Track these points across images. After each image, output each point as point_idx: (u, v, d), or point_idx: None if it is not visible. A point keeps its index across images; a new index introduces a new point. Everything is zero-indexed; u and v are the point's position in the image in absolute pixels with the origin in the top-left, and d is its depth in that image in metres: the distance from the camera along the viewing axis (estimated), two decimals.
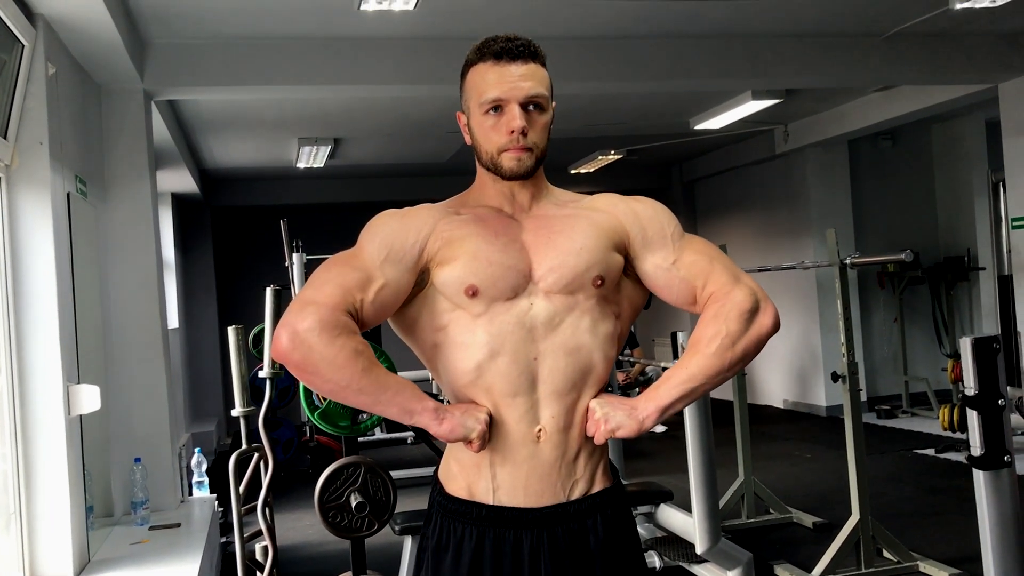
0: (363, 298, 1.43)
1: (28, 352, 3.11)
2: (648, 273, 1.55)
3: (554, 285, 1.47)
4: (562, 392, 1.47)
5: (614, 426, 1.46)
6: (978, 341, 2.34)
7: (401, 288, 1.48)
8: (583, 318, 1.48)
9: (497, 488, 1.48)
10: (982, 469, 2.36)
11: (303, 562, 4.80)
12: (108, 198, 4.34)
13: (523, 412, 1.46)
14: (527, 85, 1.48)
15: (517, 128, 1.47)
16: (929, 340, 8.59)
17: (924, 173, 8.97)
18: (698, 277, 1.52)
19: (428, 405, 1.43)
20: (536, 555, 1.47)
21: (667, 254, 1.54)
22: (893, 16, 4.96)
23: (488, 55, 1.50)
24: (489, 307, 1.45)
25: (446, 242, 1.48)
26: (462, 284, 1.45)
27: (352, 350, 1.38)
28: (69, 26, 3.43)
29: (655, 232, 1.55)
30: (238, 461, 3.06)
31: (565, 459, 1.48)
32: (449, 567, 1.49)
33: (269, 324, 3.09)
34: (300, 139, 7.36)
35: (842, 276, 4.07)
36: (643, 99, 6.67)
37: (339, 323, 1.39)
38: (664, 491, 4.01)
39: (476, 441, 1.43)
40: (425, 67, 4.86)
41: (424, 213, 1.53)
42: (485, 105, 1.49)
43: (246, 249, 10.02)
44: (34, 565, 3.10)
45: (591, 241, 1.50)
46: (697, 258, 1.54)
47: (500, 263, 1.46)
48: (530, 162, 1.50)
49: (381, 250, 1.47)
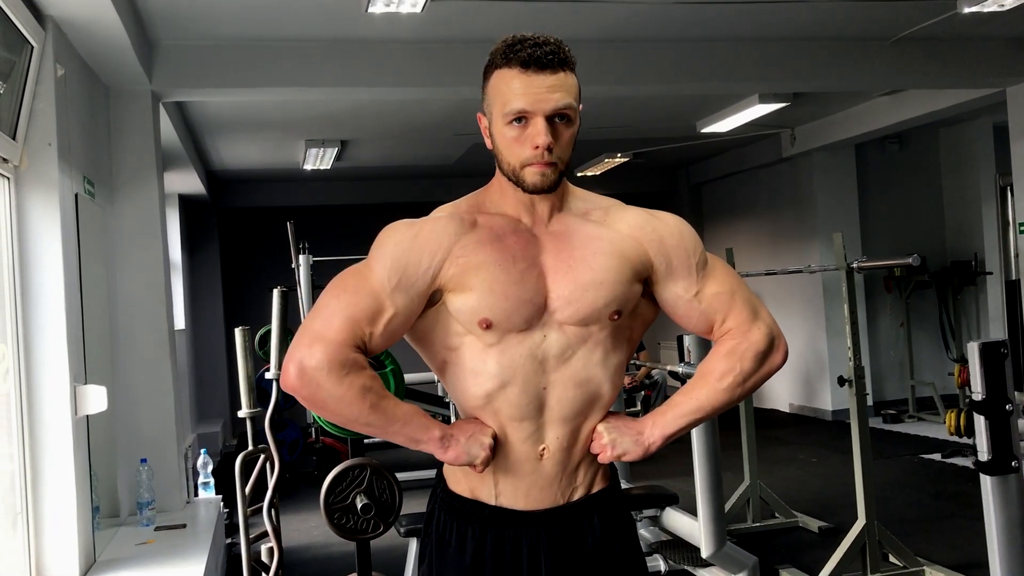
0: (372, 331, 1.43)
1: (35, 352, 3.12)
2: (667, 301, 1.53)
3: (570, 318, 1.45)
4: (568, 418, 1.48)
5: (620, 452, 1.48)
6: (986, 346, 2.34)
7: (412, 314, 1.46)
8: (595, 350, 1.47)
9: (499, 494, 1.50)
10: (989, 474, 2.36)
11: (308, 564, 4.81)
12: (116, 199, 4.35)
13: (528, 434, 1.47)
14: (555, 97, 1.40)
15: (542, 145, 1.40)
16: (936, 345, 8.57)
17: (931, 177, 8.94)
18: (718, 312, 1.52)
19: (434, 435, 1.45)
20: (535, 553, 1.49)
21: (689, 284, 1.52)
22: (901, 20, 4.95)
23: (515, 61, 1.41)
24: (502, 338, 1.44)
25: (462, 269, 1.44)
26: (476, 315, 1.43)
27: (360, 387, 1.40)
28: (78, 27, 3.44)
29: (680, 261, 1.51)
30: (244, 462, 3.07)
31: (567, 472, 1.50)
32: (452, 561, 1.51)
33: (276, 326, 3.09)
34: (307, 141, 7.37)
35: (849, 280, 4.06)
36: (650, 102, 6.67)
37: (347, 361, 1.40)
38: (670, 495, 4.00)
39: (480, 466, 1.46)
40: (432, 69, 4.86)
41: (439, 230, 1.47)
42: (509, 115, 1.42)
43: (253, 250, 10.04)
44: (40, 564, 3.11)
45: (612, 274, 1.46)
46: (719, 291, 1.52)
47: (516, 297, 1.43)
48: (554, 177, 1.44)
49: (393, 275, 1.44)
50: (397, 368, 3.05)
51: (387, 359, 3.02)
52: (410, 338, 1.54)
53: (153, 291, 4.38)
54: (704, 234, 10.64)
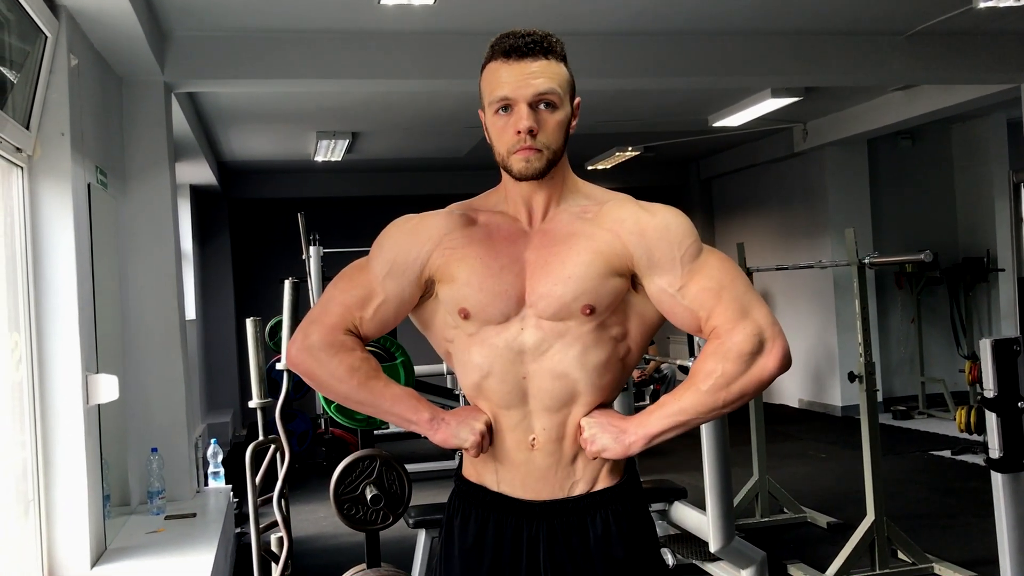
0: (362, 316, 1.54)
1: (48, 342, 3.14)
2: (653, 295, 1.49)
3: (543, 312, 1.47)
4: (552, 409, 1.49)
5: (599, 448, 1.47)
6: (998, 343, 2.33)
7: (404, 300, 1.55)
8: (572, 346, 1.46)
9: (500, 481, 1.53)
10: (1000, 472, 2.35)
11: (318, 554, 4.83)
12: (128, 189, 4.37)
13: (517, 422, 1.50)
14: (535, 83, 1.42)
15: (523, 128, 1.42)
16: (946, 341, 8.53)
17: (944, 173, 8.90)
18: (702, 308, 1.45)
19: (423, 416, 1.51)
20: (534, 544, 1.50)
21: (673, 279, 1.46)
22: (915, 14, 4.92)
23: (499, 53, 1.46)
24: (480, 329, 1.49)
25: (447, 260, 1.51)
26: (456, 305, 1.50)
27: (348, 366, 1.51)
28: (91, 18, 3.45)
29: (663, 254, 1.46)
30: (255, 452, 3.08)
31: (561, 464, 1.50)
32: (458, 541, 1.56)
33: (287, 317, 3.10)
34: (318, 132, 7.38)
35: (860, 276, 4.05)
36: (661, 96, 6.65)
37: (337, 342, 1.52)
38: (678, 489, 4.00)
39: (472, 449, 1.50)
40: (444, 61, 4.86)
41: (434, 223, 1.54)
42: (495, 104, 1.45)
43: (263, 241, 10.07)
44: (52, 552, 3.13)
45: (581, 268, 1.45)
46: (706, 285, 1.45)
47: (491, 289, 1.47)
48: (539, 164, 1.44)
49: (384, 265, 1.54)
50: (407, 360, 3.05)
51: (397, 351, 3.03)
52: (419, 325, 1.61)
53: (164, 281, 4.40)
54: (715, 229, 10.62)
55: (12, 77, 2.94)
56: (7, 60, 2.91)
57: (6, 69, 2.90)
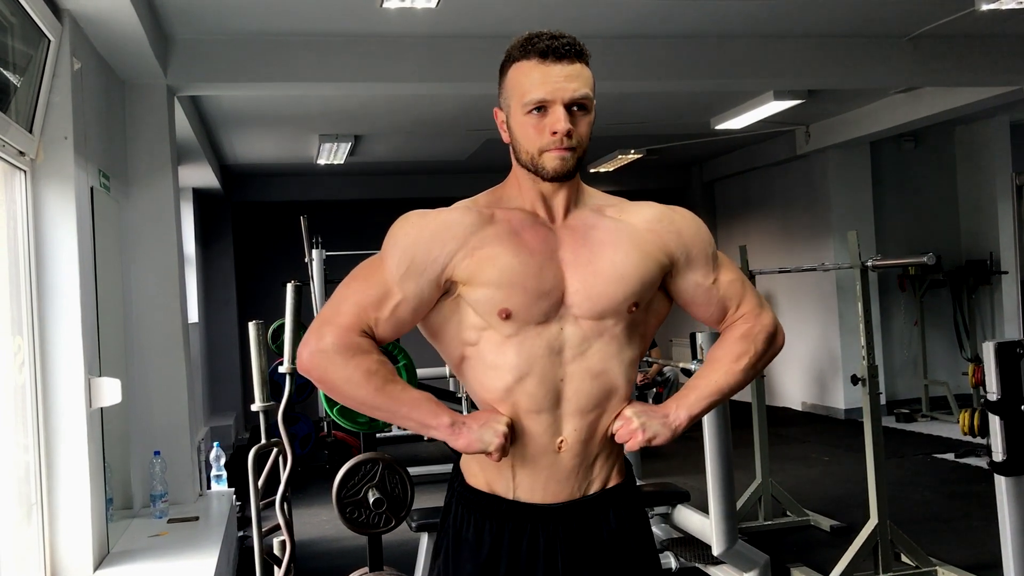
0: (378, 316, 1.48)
1: (50, 345, 3.14)
2: (686, 290, 1.58)
3: (587, 312, 1.47)
4: (585, 411, 1.49)
5: (651, 435, 1.50)
6: (1001, 346, 2.33)
7: (423, 301, 1.49)
8: (611, 344, 1.49)
9: (517, 487, 1.51)
10: (1004, 475, 2.35)
11: (320, 557, 4.83)
12: (130, 193, 4.37)
13: (546, 426, 1.48)
14: (573, 86, 1.44)
15: (562, 131, 1.43)
16: (949, 344, 8.52)
17: (947, 175, 8.89)
18: (733, 299, 1.60)
19: (444, 420, 1.46)
20: (552, 545, 1.50)
21: (707, 272, 1.58)
22: (918, 17, 4.92)
23: (533, 53, 1.45)
24: (520, 330, 1.46)
25: (479, 260, 1.46)
26: (496, 306, 1.45)
27: (365, 370, 1.45)
28: (94, 21, 3.45)
29: (698, 251, 1.57)
30: (257, 455, 3.08)
31: (584, 464, 1.51)
32: (469, 556, 1.51)
33: (289, 320, 3.10)
34: (321, 136, 7.39)
35: (863, 278, 4.05)
36: (664, 98, 6.65)
37: (352, 344, 1.45)
38: (681, 492, 4.00)
39: (495, 453, 1.45)
40: (446, 65, 4.86)
41: (455, 221, 1.49)
42: (528, 105, 1.45)
43: (266, 245, 10.08)
44: (54, 555, 3.13)
45: (632, 268, 1.49)
46: (731, 278, 1.60)
47: (535, 289, 1.45)
48: (572, 163, 1.47)
49: (401, 263, 1.47)
50: (410, 363, 3.05)
51: (399, 353, 3.02)
52: (426, 333, 1.55)
53: (167, 284, 4.40)
54: (717, 231, 10.62)
55: (15, 80, 2.94)
56: (10, 63, 2.91)
57: (9, 72, 2.90)
